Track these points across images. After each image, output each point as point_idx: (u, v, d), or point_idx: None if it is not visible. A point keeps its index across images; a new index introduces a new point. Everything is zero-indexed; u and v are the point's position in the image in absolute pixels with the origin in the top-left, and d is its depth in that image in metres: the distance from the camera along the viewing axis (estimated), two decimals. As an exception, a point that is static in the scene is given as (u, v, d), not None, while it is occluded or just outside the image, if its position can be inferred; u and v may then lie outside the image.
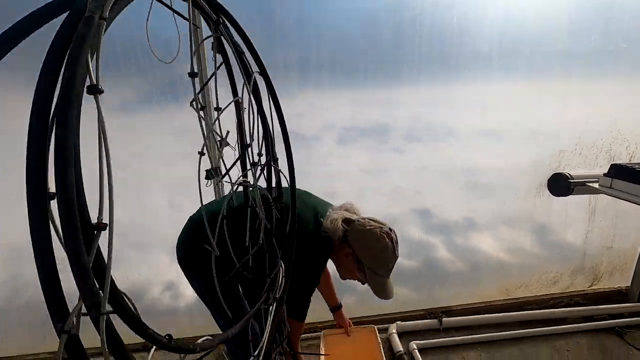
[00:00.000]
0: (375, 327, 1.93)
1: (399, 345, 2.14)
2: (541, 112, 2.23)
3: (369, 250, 1.35)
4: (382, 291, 1.43)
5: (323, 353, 1.75)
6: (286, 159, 0.99)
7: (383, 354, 1.80)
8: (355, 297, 2.41)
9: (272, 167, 0.94)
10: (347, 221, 1.38)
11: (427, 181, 2.29)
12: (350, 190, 2.17)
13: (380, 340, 1.86)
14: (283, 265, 1.00)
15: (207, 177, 0.79)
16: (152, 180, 1.98)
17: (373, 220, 1.39)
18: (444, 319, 2.34)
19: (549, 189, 2.35)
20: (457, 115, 2.18)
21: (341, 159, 2.13)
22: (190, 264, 1.35)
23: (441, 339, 2.21)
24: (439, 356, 2.13)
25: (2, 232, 1.87)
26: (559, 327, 2.27)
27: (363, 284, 1.45)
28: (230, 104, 0.81)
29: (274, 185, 1.00)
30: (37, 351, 2.13)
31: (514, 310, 2.42)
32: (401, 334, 2.30)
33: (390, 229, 1.38)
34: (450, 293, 2.54)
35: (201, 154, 0.74)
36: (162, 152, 1.95)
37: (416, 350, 2.12)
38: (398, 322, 2.33)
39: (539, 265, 2.51)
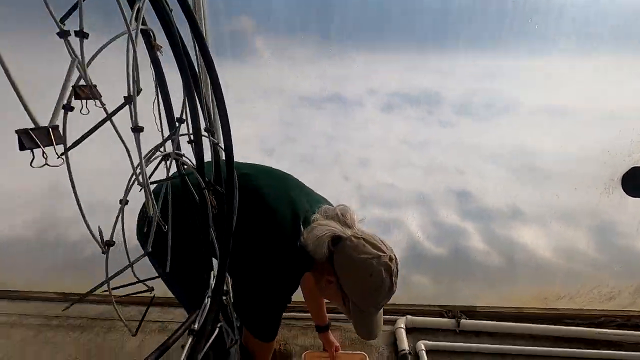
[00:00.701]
0: (367, 356, 1.61)
1: (404, 343, 1.87)
2: (624, 92, 1.73)
3: (358, 284, 1.02)
4: (366, 329, 1.11)
5: None
6: (221, 128, 0.68)
7: None
8: None
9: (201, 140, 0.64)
10: (335, 239, 1.03)
11: (473, 160, 2.02)
12: (385, 160, 2.01)
13: None
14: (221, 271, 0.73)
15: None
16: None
17: (370, 243, 1.03)
18: (462, 321, 2.02)
19: (623, 185, 1.85)
20: (520, 89, 1.80)
21: (381, 126, 1.96)
22: (142, 244, 1.16)
23: (456, 343, 1.90)
24: (450, 363, 1.83)
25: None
26: (609, 352, 1.86)
27: (344, 313, 1.12)
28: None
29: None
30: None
31: (551, 322, 2.03)
32: (410, 330, 2.02)
33: (391, 258, 1.03)
34: (476, 290, 2.20)
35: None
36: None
37: (424, 352, 1.84)
38: (408, 316, 2.05)
39: (593, 275, 2.06)
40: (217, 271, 0.74)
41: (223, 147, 0.69)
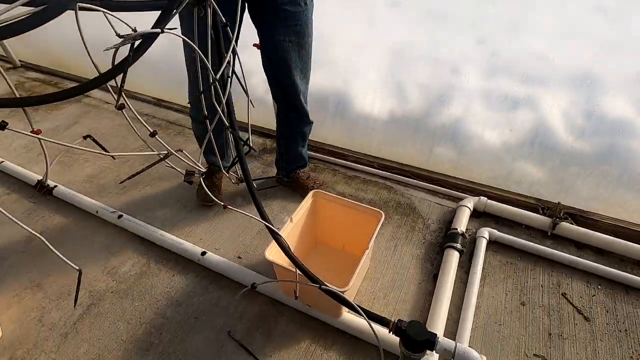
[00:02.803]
0: (384, 215, 1.15)
1: (462, 222, 1.44)
2: None
3: None
4: None
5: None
6: None
7: (372, 244, 1.13)
8: (454, 151, 1.74)
9: None
10: None
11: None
12: (548, 26, 1.63)
13: (378, 230, 1.15)
14: None
15: None
16: None
17: None
18: (563, 223, 1.42)
19: None
20: None
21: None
22: None
23: (539, 246, 1.37)
24: (517, 270, 1.36)
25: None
26: None
27: None
28: None
29: None
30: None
31: None
32: (480, 215, 1.55)
33: None
34: (604, 193, 1.51)
35: None
36: None
37: (484, 240, 1.39)
38: (482, 198, 1.55)
39: None
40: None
41: None
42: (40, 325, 1.19)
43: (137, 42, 0.58)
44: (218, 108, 0.79)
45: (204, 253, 1.34)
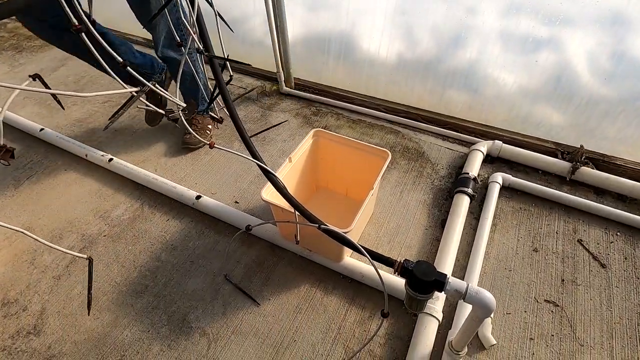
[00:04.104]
0: (390, 155, 1.04)
1: (473, 167, 1.35)
2: None
3: None
4: None
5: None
6: None
7: (377, 185, 1.02)
8: (467, 94, 1.57)
9: None
10: None
11: None
12: None
13: (384, 169, 1.04)
14: None
15: None
16: None
17: None
18: (584, 168, 1.32)
19: None
20: None
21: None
22: None
23: (555, 191, 1.28)
24: (531, 216, 1.28)
25: None
26: None
27: None
28: None
29: None
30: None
31: None
32: (494, 161, 1.44)
33: None
34: (634, 135, 1.39)
35: None
36: None
37: (497, 185, 1.30)
38: (497, 141, 1.44)
39: None
40: None
41: None
42: (32, 268, 1.16)
43: None
44: (190, 31, 0.67)
45: (199, 197, 1.27)
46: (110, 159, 1.42)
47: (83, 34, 0.52)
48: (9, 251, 1.20)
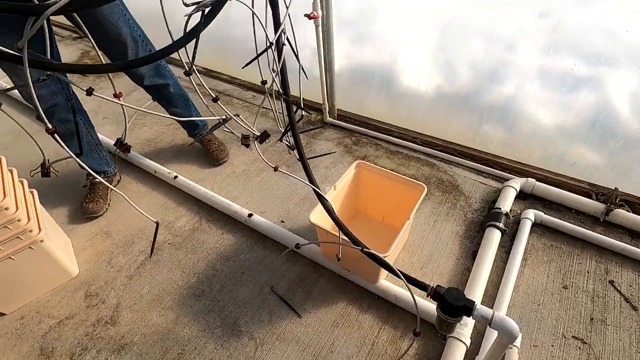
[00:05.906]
0: (426, 188, 1.16)
1: (506, 202, 1.42)
2: None
3: None
4: None
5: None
6: None
7: (413, 215, 1.14)
8: (503, 131, 1.66)
9: None
10: None
11: None
12: None
13: (420, 201, 1.18)
14: None
15: None
16: None
17: None
18: (618, 210, 1.35)
19: None
20: None
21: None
22: None
23: (588, 231, 1.32)
24: (562, 254, 1.32)
25: None
26: None
27: None
28: None
29: None
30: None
31: None
32: (526, 197, 1.51)
33: None
34: None
35: None
36: None
37: (529, 221, 1.36)
38: (530, 179, 1.50)
39: None
40: None
41: None
42: (109, 267, 1.36)
43: (207, 10, 0.64)
44: (273, 75, 0.84)
45: (250, 215, 1.43)
46: (175, 176, 1.63)
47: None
48: (91, 251, 1.41)
